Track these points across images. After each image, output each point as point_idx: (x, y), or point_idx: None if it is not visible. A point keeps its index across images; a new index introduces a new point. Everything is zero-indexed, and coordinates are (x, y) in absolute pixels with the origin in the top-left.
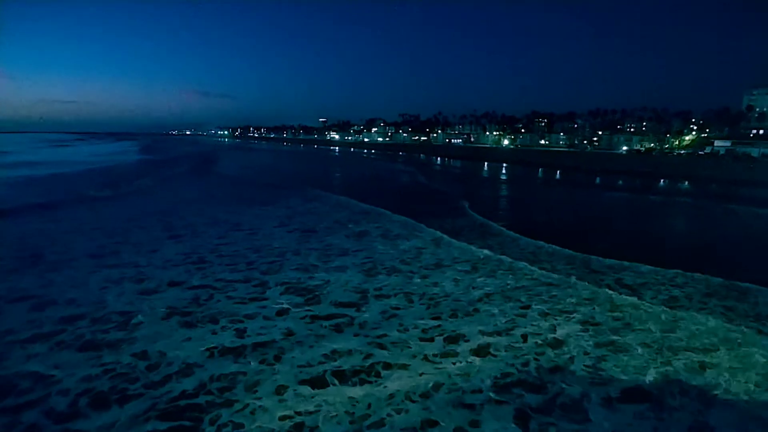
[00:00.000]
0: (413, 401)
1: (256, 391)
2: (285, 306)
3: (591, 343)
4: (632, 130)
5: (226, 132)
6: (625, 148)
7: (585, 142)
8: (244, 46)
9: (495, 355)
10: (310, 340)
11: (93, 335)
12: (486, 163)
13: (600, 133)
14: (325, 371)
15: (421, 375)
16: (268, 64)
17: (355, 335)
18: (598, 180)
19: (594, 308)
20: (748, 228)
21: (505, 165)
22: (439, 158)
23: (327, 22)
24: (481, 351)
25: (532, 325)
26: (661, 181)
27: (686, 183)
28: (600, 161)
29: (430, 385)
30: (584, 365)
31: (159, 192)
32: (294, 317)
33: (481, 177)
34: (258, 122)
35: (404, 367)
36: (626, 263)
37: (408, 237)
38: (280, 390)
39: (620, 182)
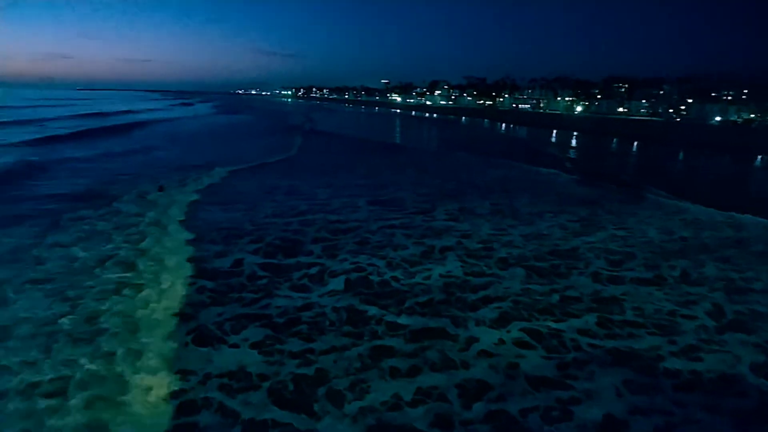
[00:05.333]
0: None
1: None
2: None
3: None
4: (729, 98)
5: (289, 92)
6: (718, 118)
7: (671, 111)
8: (311, 6)
9: None
10: None
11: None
12: (555, 131)
13: (690, 101)
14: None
15: None
16: (331, 24)
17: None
18: (681, 155)
19: None
20: None
21: (575, 134)
22: (504, 125)
23: None
24: None
25: None
26: (759, 157)
27: None
28: (687, 133)
29: None
30: None
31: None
32: None
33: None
34: (320, 83)
35: None
36: None
37: None
38: None
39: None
